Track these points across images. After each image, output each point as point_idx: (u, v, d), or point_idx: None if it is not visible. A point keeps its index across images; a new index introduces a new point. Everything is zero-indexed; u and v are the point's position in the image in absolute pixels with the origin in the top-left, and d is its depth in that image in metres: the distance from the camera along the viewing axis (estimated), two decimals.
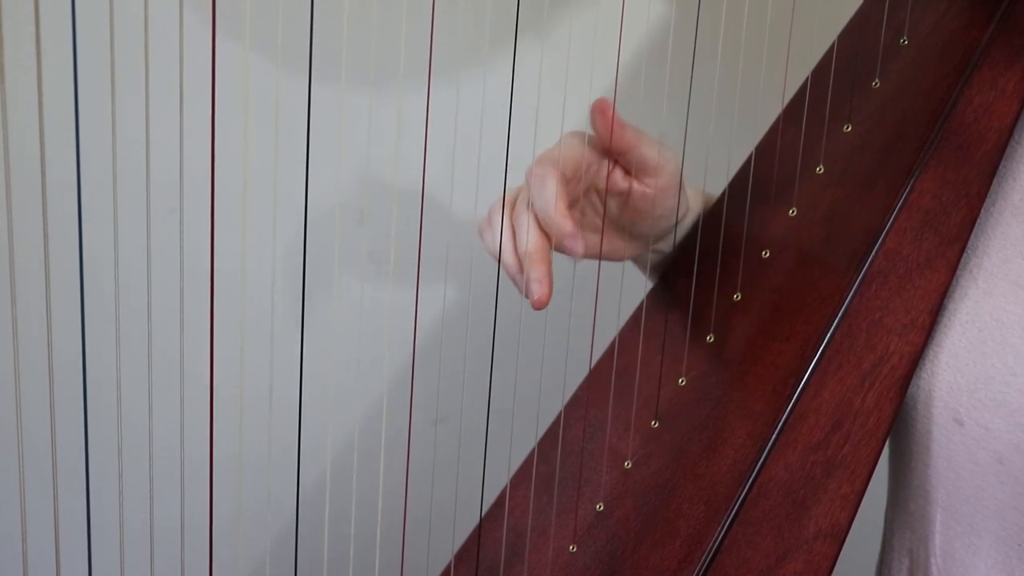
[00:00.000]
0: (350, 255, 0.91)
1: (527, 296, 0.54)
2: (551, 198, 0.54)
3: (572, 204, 0.57)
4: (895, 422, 0.54)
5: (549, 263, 0.55)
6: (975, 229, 0.55)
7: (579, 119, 0.60)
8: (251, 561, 0.74)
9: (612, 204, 0.60)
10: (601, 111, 0.55)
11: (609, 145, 0.57)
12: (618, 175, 0.59)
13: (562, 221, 0.54)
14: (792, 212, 0.60)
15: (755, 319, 0.57)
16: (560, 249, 0.55)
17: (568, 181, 0.56)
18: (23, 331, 0.40)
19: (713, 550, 0.52)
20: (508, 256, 0.56)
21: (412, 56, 0.59)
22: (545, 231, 0.55)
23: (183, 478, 0.52)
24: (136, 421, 0.48)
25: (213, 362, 0.47)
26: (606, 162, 0.58)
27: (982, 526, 0.54)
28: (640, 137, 0.57)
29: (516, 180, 0.59)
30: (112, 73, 0.40)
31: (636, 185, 0.59)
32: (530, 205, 0.55)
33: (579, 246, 0.54)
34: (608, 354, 0.63)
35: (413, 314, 0.56)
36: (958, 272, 0.55)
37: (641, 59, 0.81)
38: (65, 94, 0.39)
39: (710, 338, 0.59)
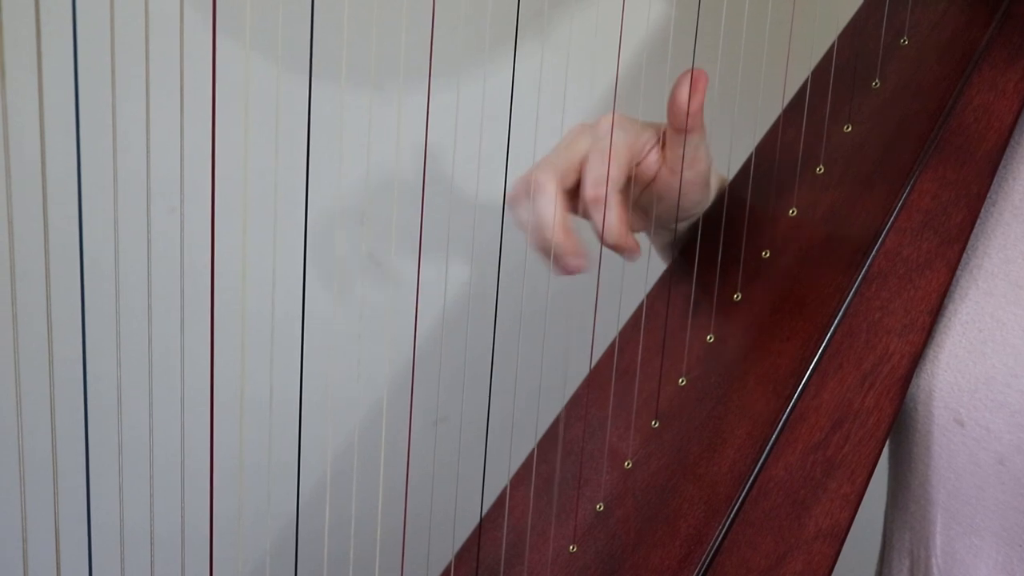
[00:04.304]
0: (350, 255, 0.91)
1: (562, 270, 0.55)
2: (548, 213, 0.54)
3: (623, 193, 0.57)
4: (895, 422, 0.54)
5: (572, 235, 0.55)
6: (976, 229, 0.55)
7: (581, 118, 0.60)
8: (252, 562, 0.74)
9: (637, 190, 0.60)
10: (697, 81, 0.54)
11: (682, 120, 0.55)
12: (651, 159, 0.58)
13: (563, 238, 0.54)
14: (792, 212, 0.60)
15: (755, 319, 0.57)
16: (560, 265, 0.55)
17: (618, 169, 0.55)
18: (23, 332, 0.40)
19: (713, 550, 0.52)
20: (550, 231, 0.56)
21: (412, 56, 0.59)
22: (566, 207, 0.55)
23: (183, 480, 0.51)
24: (136, 423, 0.48)
25: (213, 363, 0.46)
26: (642, 146, 0.57)
27: (983, 527, 0.54)
28: (703, 125, 0.56)
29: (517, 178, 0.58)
30: (112, 72, 0.40)
31: (665, 172, 0.58)
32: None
33: (579, 265, 0.55)
34: (608, 354, 0.63)
35: (413, 314, 0.56)
36: (959, 273, 0.55)
37: (641, 59, 0.81)
38: (65, 93, 0.39)
39: (710, 338, 0.59)
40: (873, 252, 0.55)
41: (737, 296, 0.59)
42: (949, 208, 0.55)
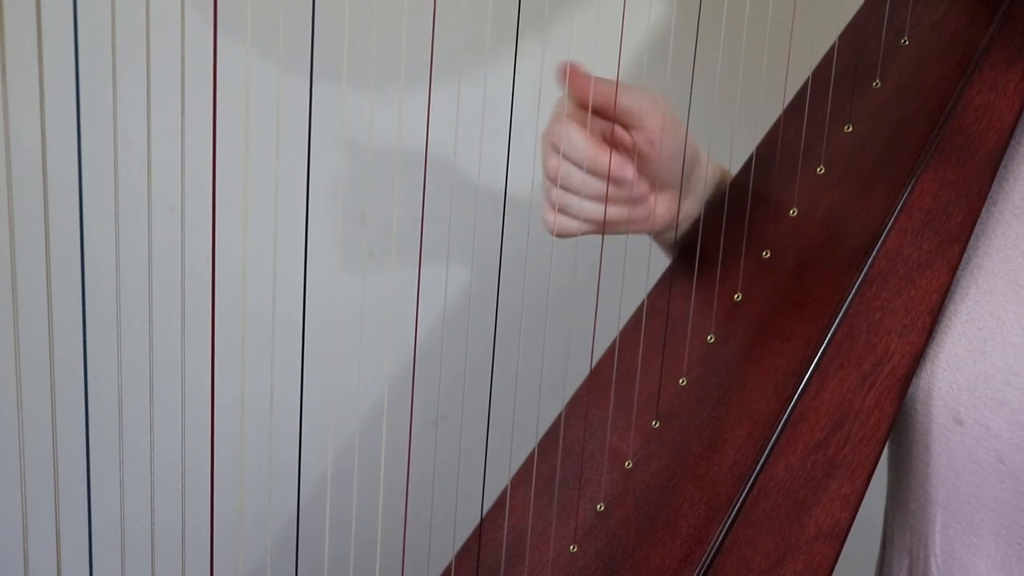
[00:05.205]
0: (351, 256, 0.91)
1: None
2: (580, 140, 0.55)
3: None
4: (895, 422, 0.54)
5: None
6: (976, 229, 0.55)
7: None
8: (252, 562, 0.74)
9: (639, 164, 0.59)
10: (573, 73, 0.54)
11: (588, 105, 0.55)
12: (620, 132, 0.57)
13: (601, 153, 0.55)
14: (793, 212, 0.60)
15: (756, 319, 0.57)
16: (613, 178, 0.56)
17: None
18: (24, 332, 0.40)
19: (714, 550, 0.52)
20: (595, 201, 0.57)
21: (413, 56, 0.59)
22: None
23: (184, 479, 0.52)
24: (137, 423, 0.48)
25: (214, 363, 0.46)
26: (607, 123, 0.57)
27: (982, 525, 0.54)
28: (611, 89, 0.56)
29: (517, 180, 0.58)
30: (113, 72, 0.40)
31: (636, 135, 0.57)
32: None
33: (629, 170, 0.55)
34: (609, 354, 0.63)
35: (414, 314, 0.56)
36: (959, 272, 0.55)
37: (642, 59, 0.81)
38: (66, 93, 0.39)
39: (711, 338, 0.59)
40: (874, 252, 0.55)
41: (738, 296, 0.59)
42: (950, 208, 0.55)
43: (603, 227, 0.59)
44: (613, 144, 0.57)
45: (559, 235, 0.59)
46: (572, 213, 0.58)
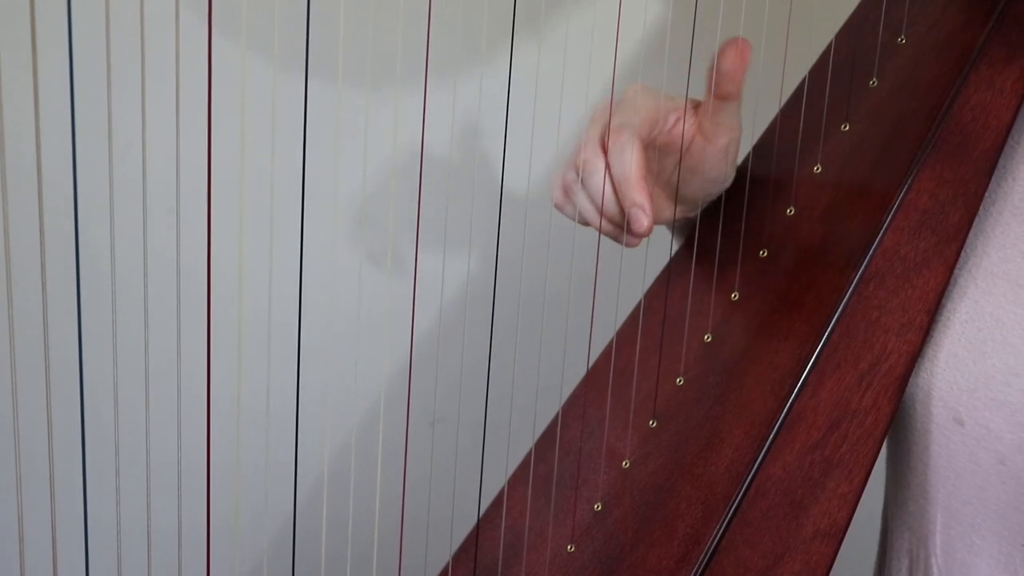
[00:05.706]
0: (348, 256, 0.91)
1: (631, 227, 0.55)
2: (630, 166, 0.54)
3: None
4: (894, 422, 0.54)
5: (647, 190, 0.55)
6: (975, 228, 0.55)
7: (577, 120, 0.60)
8: (249, 562, 0.74)
9: (668, 162, 0.59)
10: (741, 51, 0.54)
11: (727, 87, 0.55)
12: (678, 130, 0.57)
13: (638, 192, 0.54)
14: (790, 211, 0.60)
15: (753, 318, 0.57)
16: (628, 220, 0.55)
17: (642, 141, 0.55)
18: (20, 333, 0.40)
19: (711, 550, 0.52)
20: (596, 212, 0.56)
21: (409, 57, 0.59)
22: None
23: (180, 480, 0.51)
24: (133, 424, 0.48)
25: (210, 364, 0.46)
26: (671, 117, 0.57)
27: (984, 526, 0.54)
28: (738, 91, 0.56)
29: (514, 180, 0.58)
30: (108, 73, 0.40)
31: (699, 141, 0.57)
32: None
33: (647, 221, 0.54)
34: (606, 354, 0.63)
35: (411, 315, 0.56)
36: (957, 271, 0.55)
37: (638, 60, 0.81)
38: (61, 94, 0.39)
39: (708, 337, 0.59)
40: (871, 251, 0.54)
41: (735, 295, 0.59)
42: (947, 207, 0.55)
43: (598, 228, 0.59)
44: (667, 145, 0.57)
45: (555, 206, 0.60)
46: (573, 202, 0.58)
